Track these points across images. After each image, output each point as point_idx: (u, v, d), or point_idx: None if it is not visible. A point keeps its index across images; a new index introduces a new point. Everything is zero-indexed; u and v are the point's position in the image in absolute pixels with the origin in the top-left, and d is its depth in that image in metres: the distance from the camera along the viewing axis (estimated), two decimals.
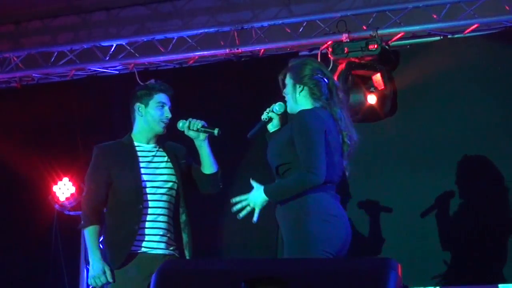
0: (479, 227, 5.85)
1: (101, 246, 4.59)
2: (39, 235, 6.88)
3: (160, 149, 4.60)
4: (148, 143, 4.60)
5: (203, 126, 4.49)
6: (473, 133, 5.98)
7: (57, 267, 6.53)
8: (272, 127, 4.42)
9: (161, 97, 4.59)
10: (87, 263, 6.62)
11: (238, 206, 4.23)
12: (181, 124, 4.52)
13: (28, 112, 7.23)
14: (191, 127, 4.49)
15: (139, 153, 4.55)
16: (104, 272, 4.44)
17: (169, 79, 4.96)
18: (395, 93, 6.21)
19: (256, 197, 4.17)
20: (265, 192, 4.14)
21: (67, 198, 6.58)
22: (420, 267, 5.86)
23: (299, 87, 4.25)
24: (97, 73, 7.18)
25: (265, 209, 6.44)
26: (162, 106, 4.57)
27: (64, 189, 6.63)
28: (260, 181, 6.20)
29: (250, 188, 4.25)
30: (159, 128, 4.56)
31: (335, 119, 4.19)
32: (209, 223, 6.19)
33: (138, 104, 4.60)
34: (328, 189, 4.10)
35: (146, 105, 4.58)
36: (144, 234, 4.44)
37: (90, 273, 4.52)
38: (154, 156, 4.56)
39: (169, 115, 4.57)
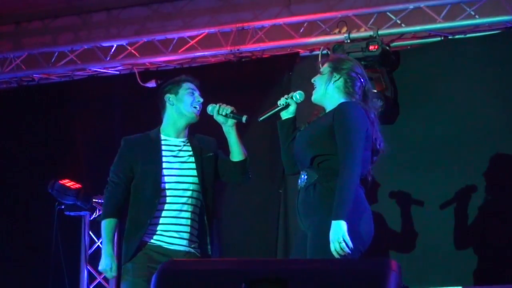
0: (492, 227, 5.84)
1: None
2: (39, 235, 6.88)
3: (187, 144, 4.58)
4: (177, 136, 4.58)
5: (232, 112, 4.47)
6: (474, 133, 5.98)
7: (57, 267, 6.53)
8: (286, 114, 4.34)
9: (189, 85, 4.64)
10: (87, 263, 6.64)
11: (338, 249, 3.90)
12: (211, 108, 4.52)
13: (29, 113, 7.24)
14: (220, 111, 4.48)
15: (164, 147, 4.54)
16: (111, 269, 4.45)
17: (169, 79, 4.96)
18: (396, 95, 6.20)
19: (337, 232, 3.86)
20: (336, 219, 3.86)
21: (72, 185, 6.54)
22: (428, 267, 5.87)
23: (335, 76, 4.20)
24: (98, 73, 7.18)
25: (265, 209, 6.50)
26: (192, 93, 4.60)
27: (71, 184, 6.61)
28: (259, 180, 6.25)
29: (252, 186, 4.18)
30: (191, 113, 4.57)
31: (370, 120, 4.14)
32: None
33: (168, 95, 4.63)
34: (360, 183, 4.06)
35: (176, 93, 4.61)
36: (163, 230, 4.43)
37: (99, 267, 4.53)
38: (180, 151, 4.55)
39: (201, 100, 4.59)
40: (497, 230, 5.83)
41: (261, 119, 4.32)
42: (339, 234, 3.84)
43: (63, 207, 6.58)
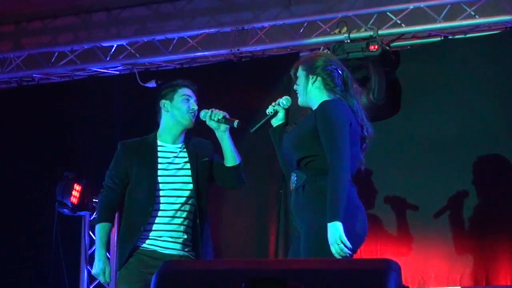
0: (491, 227, 5.84)
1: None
2: (39, 235, 6.88)
3: (184, 150, 4.56)
4: (173, 142, 4.56)
5: (223, 117, 4.45)
6: (473, 133, 5.98)
7: (57, 267, 6.53)
8: (276, 121, 4.34)
9: (185, 90, 4.59)
10: (87, 263, 6.64)
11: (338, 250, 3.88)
12: (203, 114, 4.50)
13: (29, 113, 7.24)
14: (212, 117, 4.46)
15: (160, 154, 4.53)
16: (104, 272, 4.45)
17: (169, 79, 4.96)
18: (390, 88, 6.17)
19: (333, 234, 3.86)
20: (331, 221, 3.85)
21: (75, 197, 6.56)
22: (428, 267, 5.87)
23: (312, 78, 4.18)
24: (98, 73, 7.18)
25: (265, 209, 6.50)
26: (188, 99, 4.56)
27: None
28: (259, 180, 6.25)
29: (252, 186, 4.15)
30: (186, 120, 4.54)
31: (353, 111, 4.14)
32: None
33: (163, 101, 4.59)
34: (351, 181, 4.04)
35: (172, 100, 4.57)
36: (157, 235, 4.42)
37: (93, 270, 4.53)
38: (175, 157, 4.53)
39: (195, 107, 4.55)
40: (497, 229, 5.82)
41: (252, 130, 4.32)
42: (336, 236, 3.84)
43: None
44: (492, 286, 5.65)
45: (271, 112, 4.35)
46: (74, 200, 6.51)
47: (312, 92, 4.20)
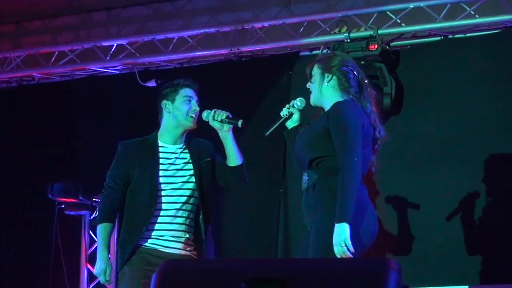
0: (499, 227, 5.84)
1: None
2: (39, 235, 6.88)
3: (185, 150, 4.56)
4: (174, 143, 4.57)
5: (227, 117, 4.46)
6: (473, 133, 5.98)
7: (57, 267, 6.53)
8: (291, 123, 4.35)
9: (187, 91, 4.59)
10: (87, 263, 6.64)
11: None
12: (206, 114, 4.52)
13: (29, 112, 7.24)
14: (215, 117, 4.47)
15: (161, 155, 4.53)
16: (105, 272, 4.46)
17: (169, 79, 4.96)
18: (398, 89, 6.17)
19: (339, 235, 3.87)
20: (339, 222, 3.87)
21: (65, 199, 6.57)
22: (432, 266, 5.87)
23: (328, 76, 4.19)
24: (98, 73, 7.18)
25: (265, 209, 6.50)
26: (189, 100, 4.56)
27: None
28: (259, 180, 6.25)
29: (252, 186, 4.16)
30: (188, 122, 4.54)
31: (366, 113, 4.15)
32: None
33: (164, 101, 4.59)
34: (362, 181, 4.06)
35: (173, 101, 4.57)
36: (159, 235, 4.44)
37: (94, 271, 4.56)
38: (176, 158, 4.54)
39: (197, 108, 4.56)
40: (501, 228, 5.82)
41: (267, 134, 4.32)
42: (341, 238, 3.85)
43: (63, 206, 6.59)
44: (499, 286, 5.65)
45: (286, 115, 4.34)
46: (62, 199, 6.51)
47: (326, 91, 4.20)
